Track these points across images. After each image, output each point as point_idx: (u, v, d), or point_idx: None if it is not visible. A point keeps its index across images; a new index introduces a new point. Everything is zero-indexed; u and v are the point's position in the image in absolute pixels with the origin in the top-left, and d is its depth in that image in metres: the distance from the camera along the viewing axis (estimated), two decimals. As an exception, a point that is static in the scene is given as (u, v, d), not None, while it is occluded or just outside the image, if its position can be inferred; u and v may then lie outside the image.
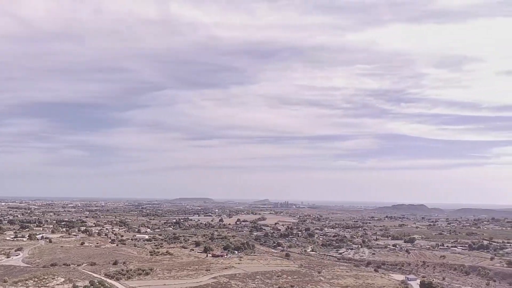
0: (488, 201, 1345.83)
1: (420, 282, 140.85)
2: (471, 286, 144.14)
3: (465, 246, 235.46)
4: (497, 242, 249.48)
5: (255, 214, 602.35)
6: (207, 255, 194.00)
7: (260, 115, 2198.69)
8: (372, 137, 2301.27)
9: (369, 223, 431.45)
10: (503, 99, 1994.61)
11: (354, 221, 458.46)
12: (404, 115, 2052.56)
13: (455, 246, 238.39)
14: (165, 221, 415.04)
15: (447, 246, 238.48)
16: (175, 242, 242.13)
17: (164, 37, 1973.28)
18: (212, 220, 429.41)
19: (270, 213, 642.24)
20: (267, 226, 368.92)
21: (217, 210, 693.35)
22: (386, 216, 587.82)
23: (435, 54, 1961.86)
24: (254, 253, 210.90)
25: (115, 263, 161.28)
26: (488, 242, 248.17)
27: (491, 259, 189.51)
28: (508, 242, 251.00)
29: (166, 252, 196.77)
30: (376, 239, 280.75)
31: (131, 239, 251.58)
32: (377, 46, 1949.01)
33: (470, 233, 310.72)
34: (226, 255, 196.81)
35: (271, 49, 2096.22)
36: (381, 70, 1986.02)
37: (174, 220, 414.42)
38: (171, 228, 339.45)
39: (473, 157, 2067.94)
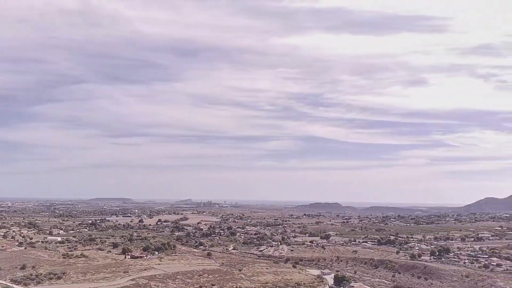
0: (395, 199, 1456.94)
1: (334, 276, 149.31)
2: (379, 278, 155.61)
3: (374, 242, 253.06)
4: (402, 237, 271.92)
5: (177, 214, 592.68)
6: (125, 257, 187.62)
7: (185, 113, 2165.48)
8: (293, 138, 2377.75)
9: (289, 221, 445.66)
10: (410, 107, 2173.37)
11: (275, 219, 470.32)
12: (322, 118, 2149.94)
13: (366, 242, 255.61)
14: (80, 222, 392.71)
15: (359, 242, 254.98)
16: (90, 244, 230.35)
17: (83, 28, 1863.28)
18: (131, 221, 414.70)
19: (192, 213, 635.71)
20: (189, 226, 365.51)
21: (137, 210, 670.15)
22: (304, 214, 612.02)
23: (350, 62, 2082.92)
24: (175, 253, 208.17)
25: (23, 268, 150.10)
26: (395, 237, 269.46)
27: (397, 253, 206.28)
28: (411, 237, 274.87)
29: (80, 255, 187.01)
30: (295, 236, 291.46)
31: (42, 242, 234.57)
32: (299, 51, 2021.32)
33: (379, 229, 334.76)
34: (146, 256, 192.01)
35: (197, 48, 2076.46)
36: (302, 74, 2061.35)
37: (90, 221, 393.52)
38: (86, 230, 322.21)
39: (382, 159, 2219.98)
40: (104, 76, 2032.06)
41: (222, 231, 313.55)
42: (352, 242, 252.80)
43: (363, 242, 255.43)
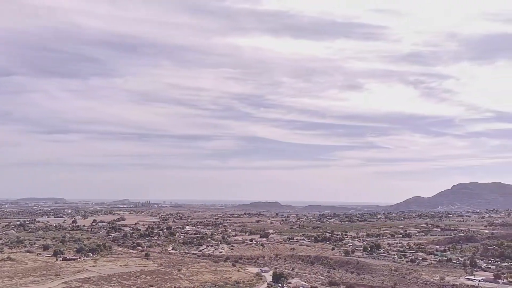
0: (332, 198, 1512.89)
1: (273, 273, 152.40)
2: (315, 274, 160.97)
3: (311, 239, 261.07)
4: (337, 234, 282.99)
5: (114, 214, 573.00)
6: (57, 259, 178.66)
7: (123, 110, 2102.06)
8: (235, 138, 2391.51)
9: (229, 220, 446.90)
10: (346, 110, 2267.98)
11: (215, 218, 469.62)
12: (263, 119, 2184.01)
13: (303, 239, 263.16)
14: (7, 223, 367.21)
15: (297, 239, 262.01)
16: (18, 247, 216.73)
17: (15, 18, 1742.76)
18: (64, 222, 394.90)
19: (130, 213, 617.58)
20: (127, 226, 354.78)
21: (70, 211, 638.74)
22: (245, 213, 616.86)
23: (290, 64, 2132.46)
24: (111, 254, 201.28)
25: None
26: (330, 234, 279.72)
27: (332, 249, 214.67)
28: (346, 234, 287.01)
29: (7, 258, 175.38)
30: (235, 235, 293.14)
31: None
32: (241, 52, 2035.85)
33: (316, 227, 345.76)
34: (80, 258, 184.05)
35: (137, 44, 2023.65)
36: (244, 75, 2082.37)
37: (18, 222, 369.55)
38: (13, 231, 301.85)
39: (320, 160, 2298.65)
40: (38, 69, 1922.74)
41: (161, 231, 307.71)
42: (290, 240, 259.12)
43: (300, 239, 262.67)
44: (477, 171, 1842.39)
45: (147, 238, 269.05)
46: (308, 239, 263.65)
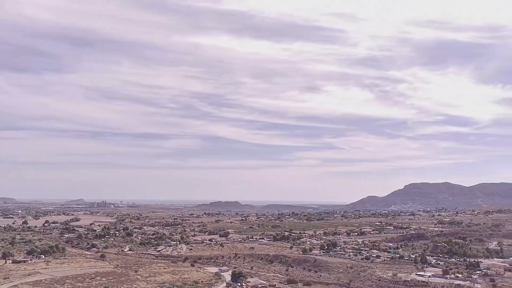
0: (291, 197, 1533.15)
1: (232, 272, 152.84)
2: (274, 273, 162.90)
3: (270, 238, 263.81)
4: (296, 233, 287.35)
5: (68, 215, 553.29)
6: (5, 262, 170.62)
7: (78, 107, 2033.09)
8: (195, 137, 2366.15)
9: (188, 220, 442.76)
10: (304, 111, 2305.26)
11: (174, 218, 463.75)
12: (224, 118, 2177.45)
13: (263, 238, 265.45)
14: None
15: (256, 239, 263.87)
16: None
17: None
18: (13, 223, 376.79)
19: (85, 214, 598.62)
20: (81, 227, 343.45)
21: (20, 211, 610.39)
22: (204, 213, 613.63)
23: (251, 65, 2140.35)
24: (64, 256, 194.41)
25: None
26: (289, 233, 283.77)
27: (291, 248, 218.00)
28: (303, 233, 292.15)
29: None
30: (194, 235, 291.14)
31: None
32: (201, 50, 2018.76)
33: (275, 226, 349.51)
34: (31, 260, 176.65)
35: (94, 39, 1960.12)
36: (205, 74, 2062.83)
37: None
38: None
39: (279, 160, 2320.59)
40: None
41: (117, 232, 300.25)
42: (250, 239, 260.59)
43: (260, 238, 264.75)
44: (427, 171, 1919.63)
45: (103, 239, 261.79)
46: (267, 238, 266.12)
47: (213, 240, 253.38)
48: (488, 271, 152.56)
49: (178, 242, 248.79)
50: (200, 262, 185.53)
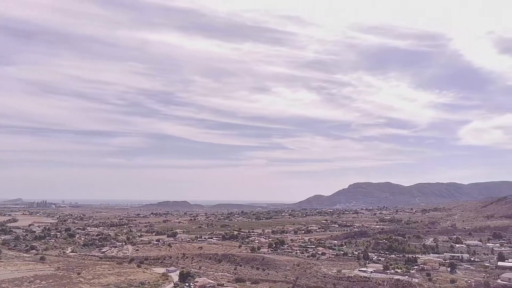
0: (240, 197, 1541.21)
1: (180, 272, 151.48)
2: (222, 272, 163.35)
3: (219, 237, 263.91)
4: (244, 232, 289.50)
5: (4, 215, 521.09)
6: None
7: (16, 101, 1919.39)
8: (142, 135, 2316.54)
9: (135, 220, 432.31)
10: (254, 111, 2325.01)
11: (120, 219, 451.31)
12: (173, 116, 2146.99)
13: (211, 238, 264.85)
14: None
15: (205, 238, 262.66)
16: None
17: None
18: None
19: (23, 214, 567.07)
20: (19, 228, 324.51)
21: None
22: (152, 213, 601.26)
23: (201, 63, 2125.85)
24: (0, 259, 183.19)
25: None
26: (238, 232, 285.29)
27: (239, 247, 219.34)
28: (252, 232, 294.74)
29: None
30: (141, 236, 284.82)
31: None
32: (149, 46, 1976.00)
33: (224, 225, 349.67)
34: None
35: (34, 30, 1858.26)
36: (153, 71, 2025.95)
37: None
38: None
39: (229, 159, 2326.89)
40: None
41: (58, 233, 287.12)
42: (199, 239, 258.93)
43: (208, 238, 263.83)
44: (370, 171, 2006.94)
45: (43, 241, 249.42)
46: (216, 237, 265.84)
47: (160, 241, 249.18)
48: (425, 266, 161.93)
49: (124, 243, 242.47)
50: (147, 263, 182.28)
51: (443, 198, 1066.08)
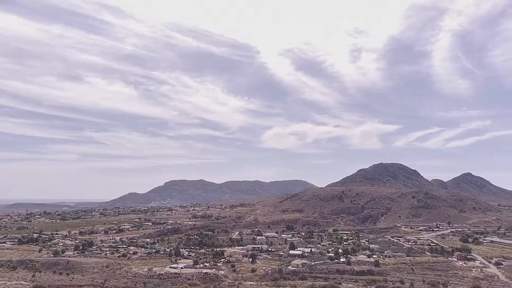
0: (43, 195, 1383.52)
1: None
2: (17, 280, 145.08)
3: (15, 241, 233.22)
4: (47, 234, 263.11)
5: None
6: None
7: None
8: None
9: None
10: (63, 100, 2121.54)
11: None
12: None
13: (5, 242, 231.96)
14: None
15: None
16: None
17: None
18: None
19: None
20: None
21: None
22: None
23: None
24: None
25: None
26: (38, 235, 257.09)
27: (40, 251, 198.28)
28: (56, 233, 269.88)
29: None
30: None
31: None
32: None
33: (21, 228, 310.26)
34: None
35: None
36: None
37: None
38: None
39: (30, 152, 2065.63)
40: None
41: None
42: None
43: (1, 242, 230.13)
44: (186, 169, 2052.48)
45: None
46: (11, 241, 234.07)
47: None
48: (230, 258, 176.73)
49: None
50: None
51: (249, 195, 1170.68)
